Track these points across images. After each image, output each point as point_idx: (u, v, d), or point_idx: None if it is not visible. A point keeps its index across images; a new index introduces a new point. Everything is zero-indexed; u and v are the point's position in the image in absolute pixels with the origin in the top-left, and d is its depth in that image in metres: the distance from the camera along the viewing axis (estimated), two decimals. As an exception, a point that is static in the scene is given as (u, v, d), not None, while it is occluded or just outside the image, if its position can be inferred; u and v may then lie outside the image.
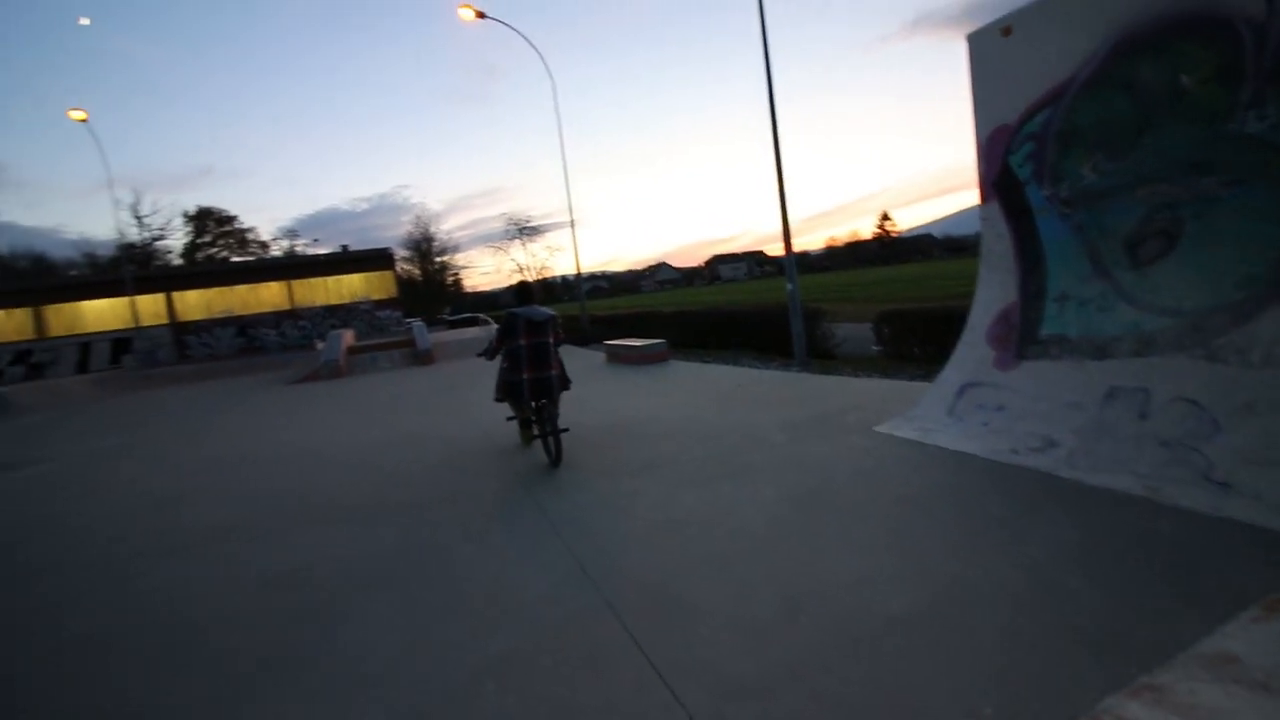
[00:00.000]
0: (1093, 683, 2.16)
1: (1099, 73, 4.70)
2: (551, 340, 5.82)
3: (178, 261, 49.38)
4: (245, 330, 29.50)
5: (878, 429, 5.62)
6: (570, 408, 8.75)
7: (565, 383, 6.03)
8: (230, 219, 54.77)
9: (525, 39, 21.19)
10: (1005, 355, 5.25)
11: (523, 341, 5.72)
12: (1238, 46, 3.89)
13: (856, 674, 2.36)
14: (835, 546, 3.47)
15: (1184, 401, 3.89)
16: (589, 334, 19.84)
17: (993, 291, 5.63)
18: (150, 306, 28.64)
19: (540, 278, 51.01)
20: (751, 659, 2.53)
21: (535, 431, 6.14)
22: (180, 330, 28.97)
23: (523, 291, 6.29)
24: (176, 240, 51.28)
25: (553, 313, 5.94)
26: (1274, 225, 3.83)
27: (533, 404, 5.85)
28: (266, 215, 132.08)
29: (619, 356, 13.53)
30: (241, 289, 30.01)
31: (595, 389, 10.39)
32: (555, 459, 5.72)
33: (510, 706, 2.43)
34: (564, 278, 72.84)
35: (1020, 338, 5.19)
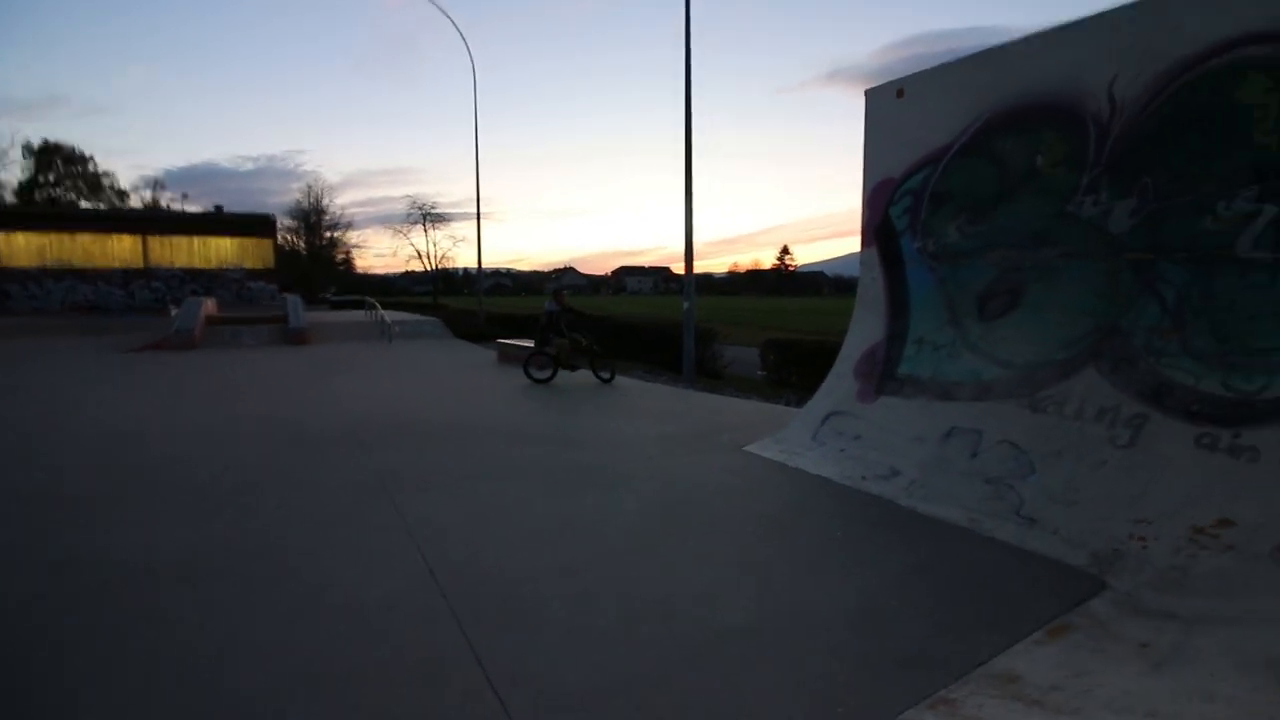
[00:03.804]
0: (897, 697, 2.30)
1: (971, 143, 5.19)
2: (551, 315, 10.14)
3: (10, 200, 42.82)
4: (85, 285, 25.97)
5: (748, 449, 5.83)
6: (448, 406, 8.42)
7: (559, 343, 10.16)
8: (83, 159, 48.24)
9: (448, 17, 20.49)
10: (868, 389, 5.62)
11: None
12: (1084, 137, 4.43)
13: (685, 687, 2.38)
14: (688, 560, 3.52)
15: (1008, 444, 4.33)
16: (483, 331, 19.28)
17: (864, 329, 6.03)
18: (-35, 245, 24.56)
19: (440, 267, 48.89)
20: (588, 670, 2.48)
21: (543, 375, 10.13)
22: (2, 278, 25.05)
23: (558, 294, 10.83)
24: (10, 175, 44.49)
25: (550, 306, 10.31)
26: (1096, 298, 4.36)
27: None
28: (129, 161, 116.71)
29: (510, 356, 13.22)
30: (85, 238, 26.40)
31: (479, 388, 10.10)
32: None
33: (321, 715, 2.23)
34: (465, 270, 70.25)
35: (882, 374, 5.58)
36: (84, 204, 44.95)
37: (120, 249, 26.78)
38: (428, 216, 47.71)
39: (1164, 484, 3.57)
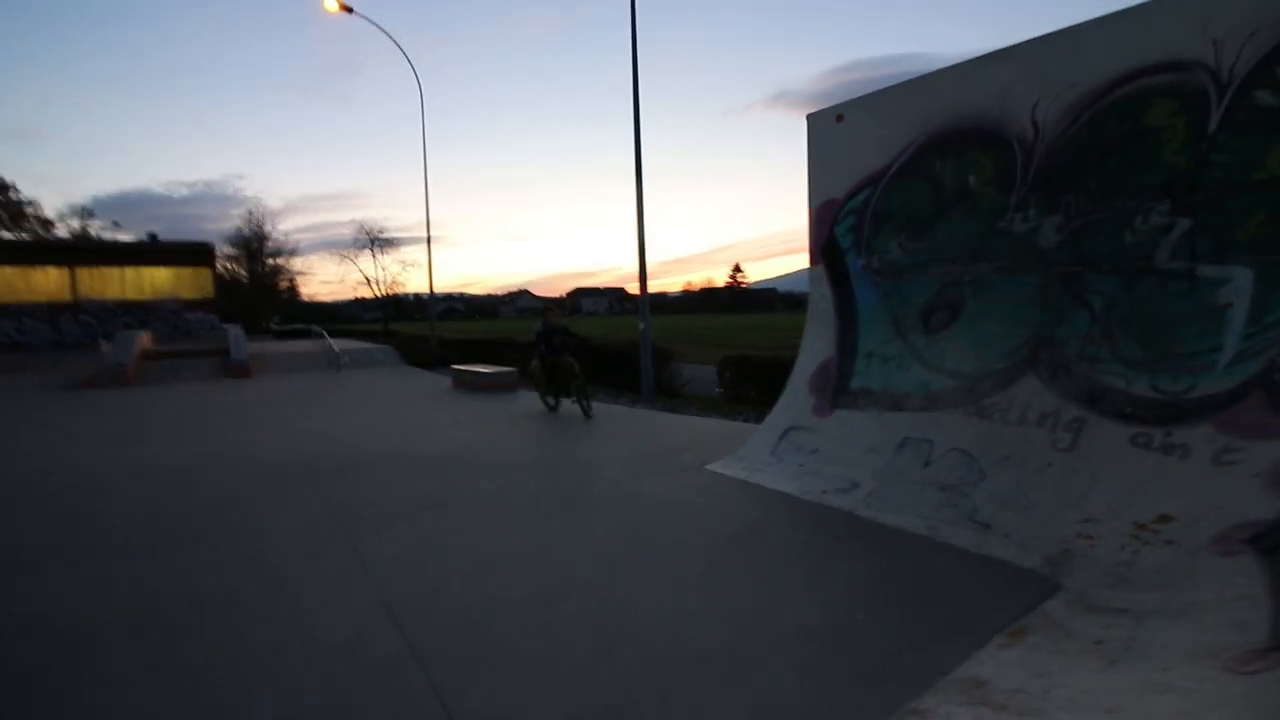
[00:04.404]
0: (868, 711, 2.32)
1: (909, 164, 5.42)
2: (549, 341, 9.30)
3: (-82, 230, 39.96)
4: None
5: (709, 467, 5.85)
6: (406, 435, 8.20)
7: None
8: (4, 187, 45.60)
9: (394, 42, 20.36)
10: (823, 403, 5.74)
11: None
12: (1012, 159, 4.68)
13: (660, 715, 2.35)
14: (656, 584, 3.50)
15: (958, 452, 4.48)
16: (437, 357, 18.91)
17: (816, 345, 6.17)
18: None
19: (390, 293, 47.81)
20: (560, 702, 2.42)
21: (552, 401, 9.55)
22: (-91, 314, 23.26)
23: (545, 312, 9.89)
24: (-81, 204, 41.52)
25: (537, 327, 9.50)
26: (1031, 308, 4.58)
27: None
28: (55, 188, 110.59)
29: (465, 383, 12.99)
30: (8, 271, 24.81)
31: (435, 416, 9.87)
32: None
33: (275, 776, 2.10)
34: (417, 296, 68.92)
35: (835, 388, 5.71)
36: (5, 235, 42.31)
37: (46, 282, 25.21)
38: (376, 241, 46.66)
39: (1105, 483, 3.74)
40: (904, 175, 5.45)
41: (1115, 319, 4.15)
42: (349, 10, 18.87)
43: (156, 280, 27.10)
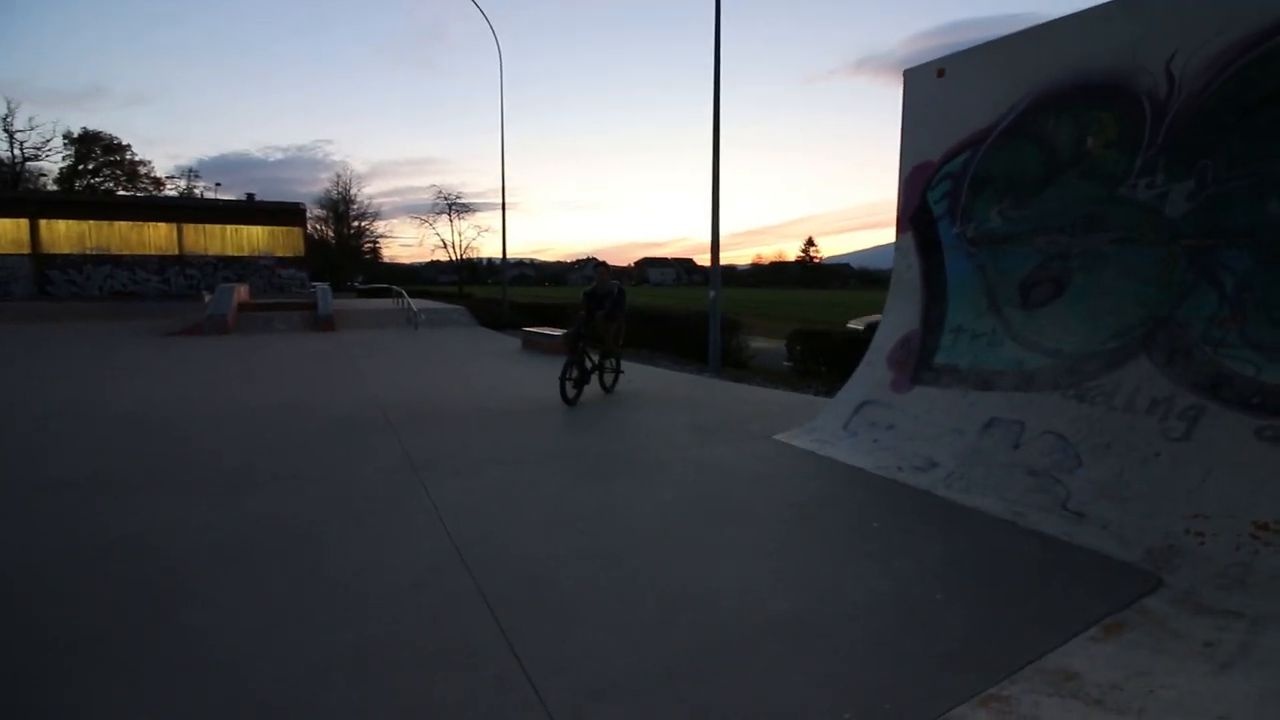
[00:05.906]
0: (944, 693, 2.21)
1: (1016, 124, 4.99)
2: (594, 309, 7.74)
3: (51, 187, 44.00)
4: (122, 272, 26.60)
5: (778, 437, 5.73)
6: (475, 392, 8.45)
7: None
8: (121, 148, 49.31)
9: (478, 7, 20.48)
10: (902, 378, 5.48)
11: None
12: (1139, 117, 4.21)
13: (725, 679, 2.32)
14: (723, 549, 3.46)
15: (1053, 435, 4.18)
16: (508, 319, 19.35)
17: (898, 317, 5.87)
18: (10, 232, 25.31)
19: (465, 257, 49.17)
20: (625, 659, 2.44)
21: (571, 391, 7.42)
22: (43, 264, 25.77)
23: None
24: (53, 163, 45.59)
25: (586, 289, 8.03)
26: (1148, 285, 4.17)
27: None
28: (164, 150, 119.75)
29: (535, 344, 13.24)
30: (123, 226, 27.02)
31: (506, 374, 10.12)
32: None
33: (357, 700, 2.21)
34: (489, 260, 70.65)
35: (917, 363, 5.43)
36: (122, 192, 45.98)
37: (156, 236, 27.37)
38: (453, 207, 47.88)
39: (1222, 478, 3.40)
40: (1010, 136, 5.03)
41: (1249, 299, 3.71)
42: (433, -28, 18.99)
43: (253, 238, 28.88)
